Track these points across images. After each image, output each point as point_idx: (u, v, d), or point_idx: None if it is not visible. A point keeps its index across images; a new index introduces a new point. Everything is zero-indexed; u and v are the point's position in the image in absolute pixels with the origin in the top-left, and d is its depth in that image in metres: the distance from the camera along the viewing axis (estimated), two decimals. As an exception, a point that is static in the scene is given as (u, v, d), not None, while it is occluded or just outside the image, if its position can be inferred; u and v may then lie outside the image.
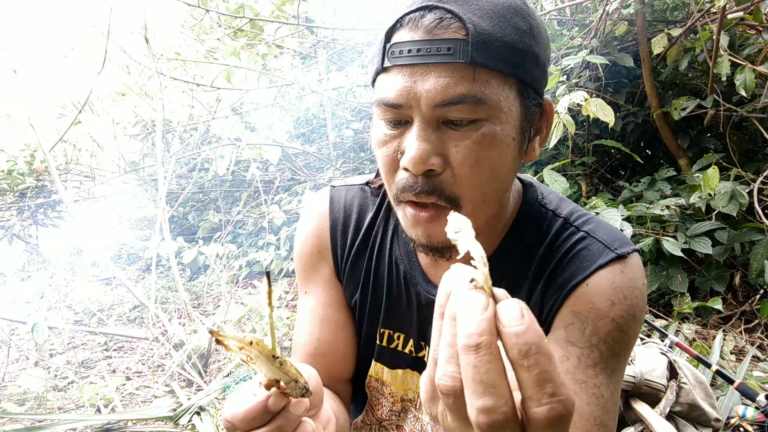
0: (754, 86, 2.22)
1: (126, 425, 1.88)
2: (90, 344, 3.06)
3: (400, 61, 0.51)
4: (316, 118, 4.92)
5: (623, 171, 3.23)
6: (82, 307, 3.61)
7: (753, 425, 1.38)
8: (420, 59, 0.50)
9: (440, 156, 0.51)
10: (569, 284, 0.59)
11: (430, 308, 0.68)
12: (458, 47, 0.48)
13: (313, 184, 3.95)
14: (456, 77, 0.49)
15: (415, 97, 0.50)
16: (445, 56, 0.49)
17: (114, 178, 4.66)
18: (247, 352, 0.43)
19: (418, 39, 0.50)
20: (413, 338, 0.72)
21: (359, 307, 0.75)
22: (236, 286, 3.82)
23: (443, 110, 0.50)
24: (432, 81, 0.49)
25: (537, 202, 0.66)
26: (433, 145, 0.51)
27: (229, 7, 3.63)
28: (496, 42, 0.49)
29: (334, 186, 0.79)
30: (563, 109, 2.10)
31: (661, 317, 2.36)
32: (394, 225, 0.74)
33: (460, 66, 0.49)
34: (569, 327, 0.58)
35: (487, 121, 0.51)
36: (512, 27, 0.51)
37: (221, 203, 4.81)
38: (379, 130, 0.56)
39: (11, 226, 3.93)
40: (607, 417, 0.56)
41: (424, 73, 0.50)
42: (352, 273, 0.75)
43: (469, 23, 0.49)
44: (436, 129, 0.52)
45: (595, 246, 0.60)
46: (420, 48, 0.49)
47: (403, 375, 0.74)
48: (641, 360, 1.46)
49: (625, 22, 2.79)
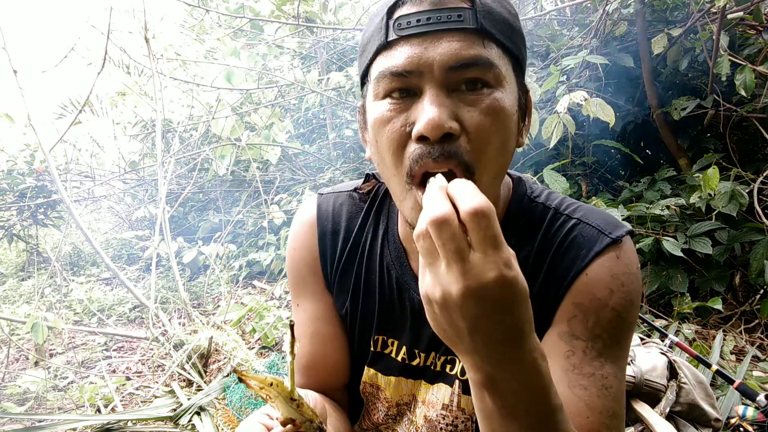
0: (754, 86, 2.22)
1: (126, 425, 1.88)
2: (90, 344, 3.06)
3: (408, 31, 0.51)
4: (316, 118, 4.92)
5: (623, 171, 3.23)
6: (82, 307, 3.61)
7: (753, 425, 1.38)
8: (429, 27, 0.50)
9: (456, 120, 0.50)
10: (569, 274, 0.60)
11: (422, 314, 0.68)
12: (467, 15, 0.49)
13: (313, 184, 3.95)
14: (468, 42, 0.50)
15: (427, 62, 0.50)
16: (456, 22, 0.49)
17: (114, 178, 4.66)
18: (267, 392, 0.46)
19: (425, 9, 0.50)
20: (406, 345, 0.71)
21: (351, 315, 0.74)
22: (236, 286, 3.82)
23: (456, 74, 0.50)
24: (444, 45, 0.49)
25: (526, 195, 0.67)
26: (449, 109, 0.50)
27: (229, 7, 3.63)
28: (497, 15, 0.52)
29: (321, 194, 0.78)
30: (563, 109, 2.10)
31: (661, 317, 2.36)
32: (384, 230, 0.73)
33: (470, 32, 0.50)
34: (572, 320, 0.59)
35: (495, 87, 0.52)
36: (505, 8, 0.54)
37: (221, 203, 4.81)
38: (380, 109, 0.54)
39: (11, 226, 3.93)
40: (618, 407, 0.57)
41: (434, 39, 0.50)
42: (342, 281, 0.73)
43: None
44: (448, 95, 0.51)
45: (588, 231, 0.61)
46: (429, 17, 0.50)
47: (396, 382, 0.74)
48: (641, 360, 1.46)
49: (625, 22, 2.79)
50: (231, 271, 3.93)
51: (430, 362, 0.70)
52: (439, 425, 0.69)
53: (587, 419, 0.55)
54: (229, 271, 3.91)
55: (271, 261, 3.85)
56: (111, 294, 4.03)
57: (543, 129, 2.24)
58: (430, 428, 0.70)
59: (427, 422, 0.71)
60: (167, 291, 3.78)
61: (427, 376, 0.71)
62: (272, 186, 4.32)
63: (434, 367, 0.70)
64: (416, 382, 0.72)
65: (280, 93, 4.17)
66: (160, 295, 3.58)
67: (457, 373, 0.68)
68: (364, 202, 0.75)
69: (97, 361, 2.76)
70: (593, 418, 0.55)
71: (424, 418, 0.71)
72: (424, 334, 0.69)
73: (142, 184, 4.92)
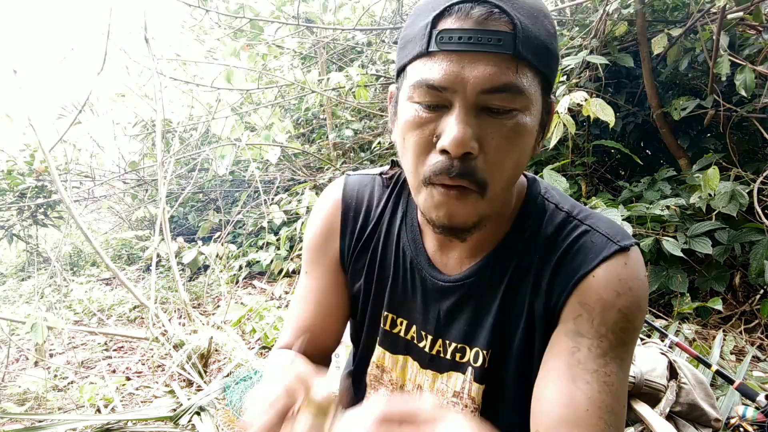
0: (754, 86, 2.22)
1: (126, 425, 1.88)
2: (90, 344, 3.06)
3: (450, 47, 0.53)
4: (316, 118, 4.92)
5: (623, 171, 3.23)
6: (82, 307, 3.61)
7: (753, 425, 1.38)
8: (470, 47, 0.52)
9: (478, 141, 0.54)
10: (575, 276, 0.61)
11: (433, 295, 0.71)
12: (507, 40, 0.52)
13: (313, 184, 3.95)
14: (502, 67, 0.52)
15: (462, 81, 0.52)
16: (495, 46, 0.52)
17: (114, 178, 4.66)
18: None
19: (468, 28, 0.52)
20: (416, 325, 0.74)
21: (364, 293, 0.77)
22: (236, 286, 3.82)
23: (486, 97, 0.53)
24: (481, 68, 0.52)
25: (540, 194, 0.69)
26: (474, 129, 0.54)
27: (229, 7, 3.63)
28: (535, 39, 0.54)
29: (349, 174, 0.84)
30: (563, 109, 2.11)
31: (661, 317, 2.36)
32: (403, 213, 0.77)
33: (506, 57, 0.52)
34: (578, 318, 0.60)
35: (521, 112, 0.54)
36: (544, 28, 0.55)
37: (221, 203, 4.81)
38: (412, 112, 0.57)
39: (11, 226, 3.93)
40: (618, 405, 0.58)
41: (472, 60, 0.52)
42: (358, 258, 0.78)
43: (516, 20, 0.52)
44: (476, 116, 0.54)
45: (598, 239, 0.63)
46: (471, 36, 0.52)
47: (403, 361, 0.76)
48: (641, 360, 1.46)
49: (625, 22, 2.79)
50: (231, 271, 3.93)
51: (437, 350, 0.72)
52: None
53: (586, 412, 0.56)
54: (229, 271, 3.91)
55: (271, 261, 3.85)
56: (111, 294, 4.03)
57: (543, 129, 2.24)
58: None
59: None
60: (167, 291, 3.79)
61: (435, 366, 0.73)
62: (272, 186, 4.33)
63: (443, 354, 0.72)
64: (424, 371, 0.74)
65: (280, 93, 4.17)
66: (160, 296, 3.58)
67: (469, 360, 0.69)
68: (387, 186, 0.80)
69: (97, 361, 2.76)
70: (592, 411, 0.56)
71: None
72: (431, 316, 0.71)
73: (142, 184, 4.91)
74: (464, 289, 0.68)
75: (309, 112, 4.72)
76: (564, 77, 2.53)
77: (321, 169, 4.39)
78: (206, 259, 3.49)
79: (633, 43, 2.86)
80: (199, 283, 3.93)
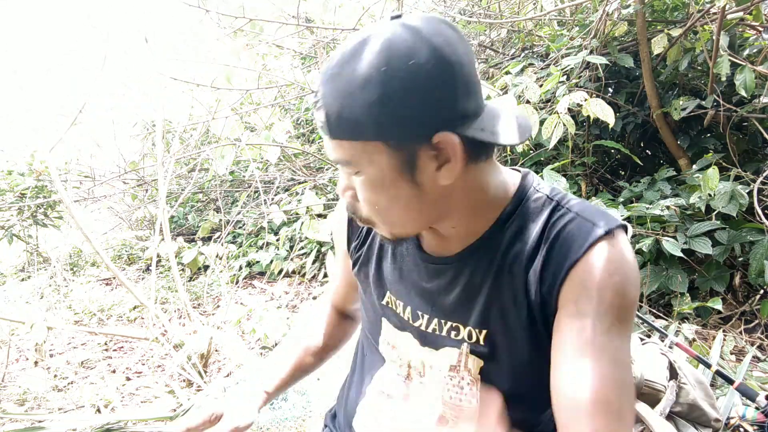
0: (754, 86, 2.22)
1: (126, 425, 1.88)
2: (90, 344, 3.06)
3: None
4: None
5: (623, 171, 3.23)
6: (82, 307, 3.61)
7: (753, 425, 1.38)
8: (321, 131, 0.65)
9: (351, 189, 0.68)
10: (566, 263, 0.64)
11: (424, 276, 0.78)
12: (325, 125, 0.62)
13: (313, 184, 3.95)
14: (332, 146, 0.64)
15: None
16: (323, 131, 0.64)
17: (114, 178, 4.66)
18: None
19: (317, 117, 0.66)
20: (411, 306, 0.79)
21: (364, 277, 0.88)
22: (236, 286, 3.82)
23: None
24: (328, 147, 0.66)
25: (532, 186, 0.73)
26: (345, 183, 0.69)
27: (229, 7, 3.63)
28: (347, 119, 0.60)
29: None
30: (563, 110, 2.11)
31: (661, 317, 2.36)
32: None
33: (329, 139, 0.63)
34: (578, 300, 0.63)
35: (362, 172, 0.64)
36: (362, 101, 0.58)
37: (221, 203, 4.80)
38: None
39: (11, 226, 3.93)
40: (629, 378, 0.63)
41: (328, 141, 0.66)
42: (359, 248, 0.88)
43: (326, 107, 0.60)
44: (348, 174, 0.68)
45: (585, 225, 0.66)
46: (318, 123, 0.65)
47: (405, 337, 0.81)
48: (641, 360, 1.46)
49: (625, 22, 2.79)
50: (231, 271, 3.93)
51: (432, 328, 0.77)
52: (446, 386, 0.76)
53: (601, 387, 0.59)
54: (229, 271, 3.91)
55: (271, 261, 3.85)
56: (111, 294, 4.03)
57: (543, 129, 2.24)
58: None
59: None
60: (167, 291, 3.79)
61: (432, 343, 0.78)
62: (272, 186, 4.33)
63: (438, 331, 0.76)
64: (422, 348, 0.79)
65: (280, 93, 4.17)
66: (160, 296, 3.58)
67: (464, 337, 0.74)
68: None
69: (97, 361, 2.76)
70: (605, 384, 0.60)
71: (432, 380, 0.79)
72: (425, 297, 0.78)
73: (142, 184, 4.91)
74: (454, 270, 0.73)
75: (309, 112, 4.72)
76: (564, 77, 2.53)
77: (321, 169, 4.39)
78: (206, 259, 3.49)
79: (633, 43, 2.86)
80: (199, 284, 3.93)
